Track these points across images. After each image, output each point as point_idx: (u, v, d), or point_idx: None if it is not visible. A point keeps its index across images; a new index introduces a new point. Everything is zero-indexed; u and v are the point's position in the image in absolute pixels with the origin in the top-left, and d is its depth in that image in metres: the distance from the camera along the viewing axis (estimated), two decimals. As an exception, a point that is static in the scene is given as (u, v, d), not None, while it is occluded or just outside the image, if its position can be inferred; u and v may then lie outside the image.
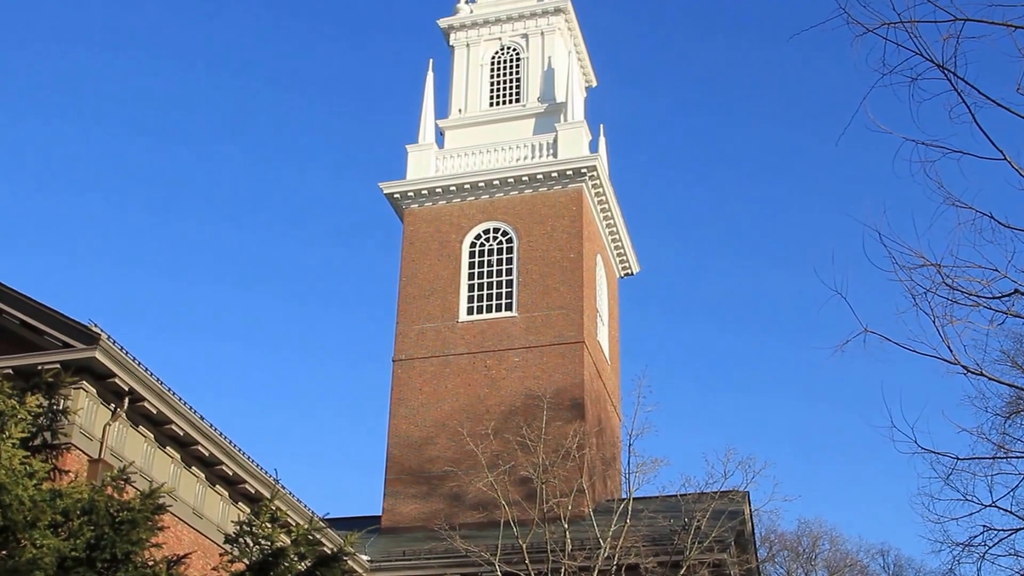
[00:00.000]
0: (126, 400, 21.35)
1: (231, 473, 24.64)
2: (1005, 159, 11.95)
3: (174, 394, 22.09)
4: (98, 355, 20.24)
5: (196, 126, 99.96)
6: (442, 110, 42.14)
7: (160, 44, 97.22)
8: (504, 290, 37.24)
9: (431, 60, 42.66)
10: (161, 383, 21.66)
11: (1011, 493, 19.42)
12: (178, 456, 23.41)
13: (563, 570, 27.96)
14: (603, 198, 39.25)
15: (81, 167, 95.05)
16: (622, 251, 42.09)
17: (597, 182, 38.52)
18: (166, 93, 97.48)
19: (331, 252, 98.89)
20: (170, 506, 19.29)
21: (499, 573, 28.39)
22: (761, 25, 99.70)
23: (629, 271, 43.34)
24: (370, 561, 30.83)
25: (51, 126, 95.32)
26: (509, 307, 36.82)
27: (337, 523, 31.66)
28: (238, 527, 18.10)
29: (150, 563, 15.84)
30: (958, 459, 16.91)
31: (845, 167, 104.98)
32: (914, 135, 11.81)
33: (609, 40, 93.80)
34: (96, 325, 20.41)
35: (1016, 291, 12.59)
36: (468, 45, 43.10)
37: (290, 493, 25.58)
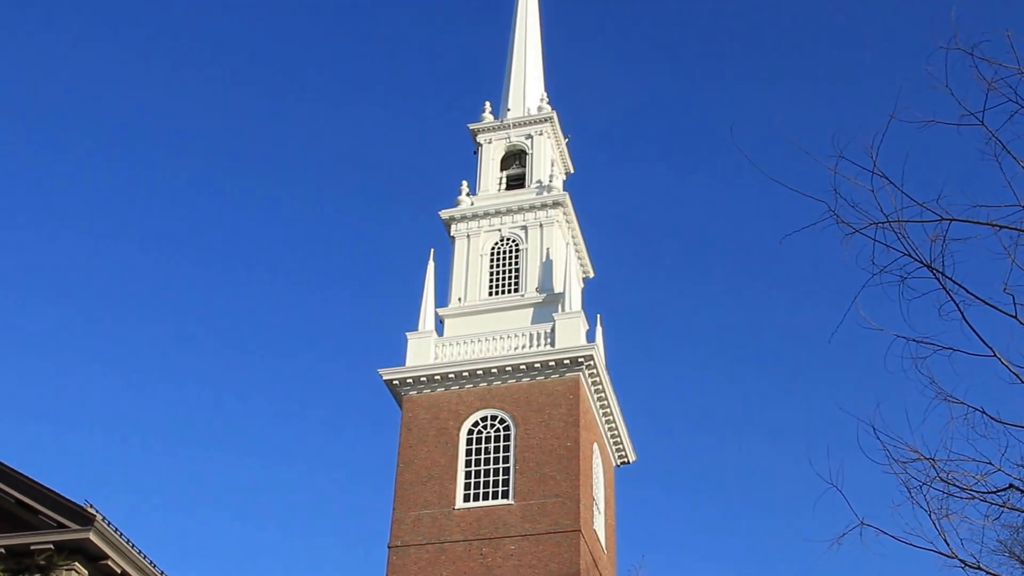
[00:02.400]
0: (118, 583, 21.09)
1: (220, 661, 24.11)
2: (995, 355, 12.19)
3: (166, 577, 21.84)
4: (92, 536, 20.12)
5: (200, 307, 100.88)
6: (442, 298, 42.73)
7: (164, 229, 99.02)
8: (501, 477, 37.09)
9: (432, 250, 43.52)
10: (155, 566, 21.45)
11: None
12: (167, 642, 22.97)
13: None
14: (600, 387, 39.46)
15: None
16: (618, 440, 42.08)
17: (594, 371, 38.81)
18: (166, 273, 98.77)
19: (328, 438, 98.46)
20: None
21: None
22: (753, 227, 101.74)
23: (626, 460, 43.23)
24: None
25: (55, 304, 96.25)
26: (506, 495, 36.60)
27: None
28: None
29: None
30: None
31: (838, 362, 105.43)
32: (905, 332, 12.11)
33: (607, 232, 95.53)
34: (91, 506, 20.35)
35: (1011, 486, 12.67)
36: (468, 236, 43.98)
37: None
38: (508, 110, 48.38)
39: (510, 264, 43.18)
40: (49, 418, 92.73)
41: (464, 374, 38.99)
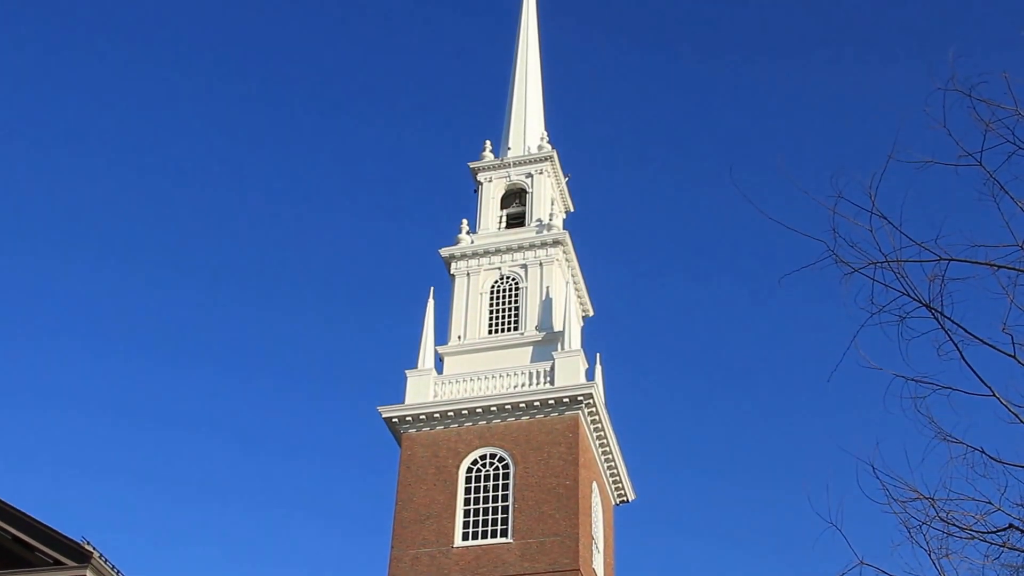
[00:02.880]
0: (114, 620, 21.01)
1: None
2: (994, 395, 12.18)
3: (164, 616, 21.76)
4: (89, 574, 20.09)
5: (199, 346, 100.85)
6: (442, 336, 42.73)
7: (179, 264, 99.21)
8: (500, 516, 36.97)
9: (432, 288, 43.57)
10: (151, 604, 21.39)
11: None
12: None
13: None
14: (599, 426, 39.41)
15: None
16: (618, 479, 41.97)
17: (593, 410, 38.76)
18: (172, 315, 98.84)
19: (327, 475, 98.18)
20: None
21: None
22: (752, 266, 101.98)
23: (625, 499, 43.11)
24: None
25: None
26: (505, 533, 36.47)
27: None
28: None
29: None
30: None
31: (837, 401, 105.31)
32: (904, 371, 12.08)
33: (607, 270, 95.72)
34: (88, 543, 20.30)
35: (1011, 526, 12.63)
36: (468, 274, 44.04)
37: None
38: (508, 149, 48.59)
39: (510, 302, 43.22)
40: (48, 457, 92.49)
41: (463, 412, 38.94)
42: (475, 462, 38.30)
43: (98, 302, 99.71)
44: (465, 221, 45.95)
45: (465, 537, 36.75)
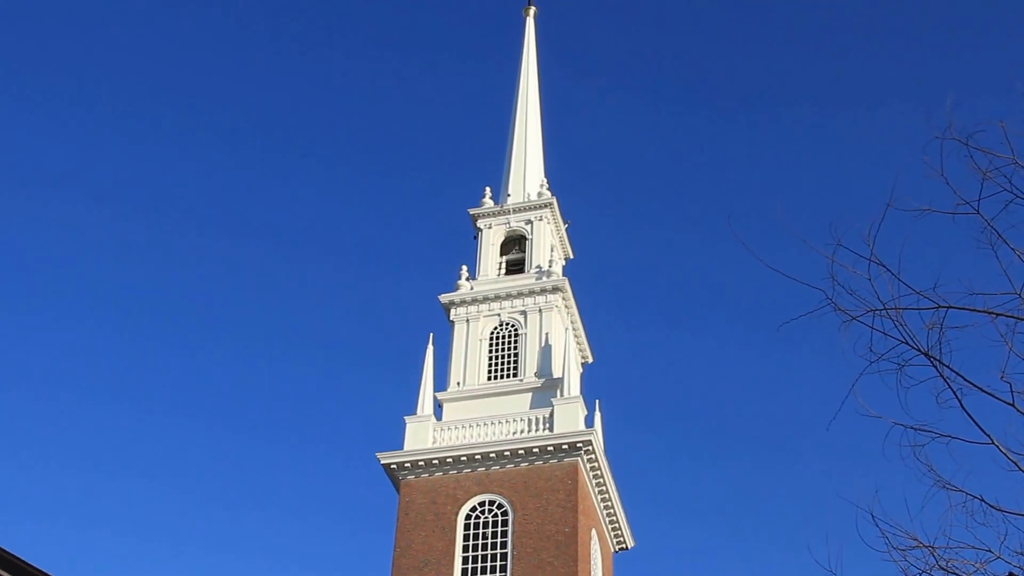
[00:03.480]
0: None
1: None
2: (993, 443, 12.18)
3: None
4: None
5: (196, 393, 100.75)
6: (441, 382, 42.67)
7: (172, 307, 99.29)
8: (498, 563, 36.79)
9: (431, 334, 43.55)
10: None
11: None
12: None
13: None
14: (598, 473, 39.30)
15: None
16: (617, 526, 41.80)
17: (592, 457, 38.67)
18: (166, 362, 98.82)
19: (325, 522, 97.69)
20: None
21: None
22: (751, 314, 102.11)
23: (624, 546, 42.90)
24: None
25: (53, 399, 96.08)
26: (503, 581, 36.27)
27: None
28: None
29: None
30: None
31: (837, 449, 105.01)
32: (903, 419, 12.07)
33: (606, 316, 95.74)
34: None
35: (1011, 574, 12.60)
36: (468, 320, 44.06)
37: None
38: (508, 195, 48.75)
39: (509, 349, 43.21)
40: (47, 506, 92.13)
41: (462, 459, 38.84)
42: (474, 509, 38.16)
43: (96, 351, 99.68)
44: (464, 267, 46.03)
45: (463, 585, 36.53)
